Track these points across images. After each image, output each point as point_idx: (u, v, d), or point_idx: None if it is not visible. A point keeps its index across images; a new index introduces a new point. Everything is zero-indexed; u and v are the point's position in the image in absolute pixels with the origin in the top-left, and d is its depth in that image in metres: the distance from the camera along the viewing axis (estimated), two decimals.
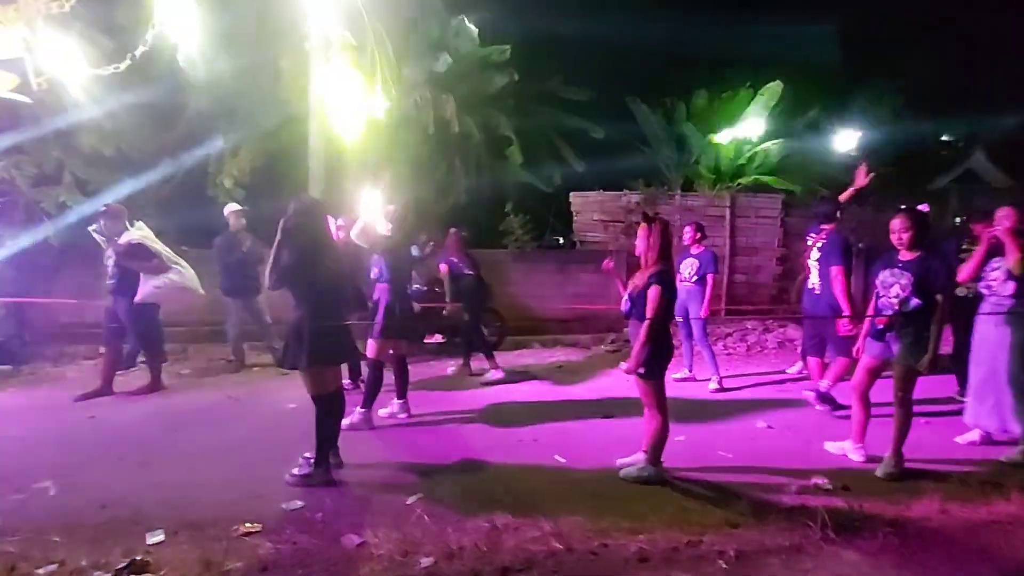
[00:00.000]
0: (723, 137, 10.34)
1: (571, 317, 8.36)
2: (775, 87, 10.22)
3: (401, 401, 4.57)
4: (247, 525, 2.82)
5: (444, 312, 6.41)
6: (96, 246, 5.12)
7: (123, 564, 2.46)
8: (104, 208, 5.15)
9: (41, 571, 2.43)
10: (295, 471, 3.32)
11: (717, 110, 10.88)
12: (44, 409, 4.81)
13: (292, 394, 5.02)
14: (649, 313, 3.18)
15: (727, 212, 9.28)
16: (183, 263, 5.39)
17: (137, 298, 4.98)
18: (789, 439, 4.27)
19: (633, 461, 3.48)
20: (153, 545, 2.65)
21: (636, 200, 9.39)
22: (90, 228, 5.12)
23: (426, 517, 2.92)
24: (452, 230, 6.57)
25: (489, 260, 8.78)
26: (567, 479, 3.49)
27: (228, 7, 7.85)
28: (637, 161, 11.34)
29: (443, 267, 6.11)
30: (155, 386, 5.28)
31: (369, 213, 4.15)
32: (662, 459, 3.42)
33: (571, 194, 9.94)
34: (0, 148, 6.02)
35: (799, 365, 6.05)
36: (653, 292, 3.19)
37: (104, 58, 6.83)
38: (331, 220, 3.62)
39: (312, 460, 3.32)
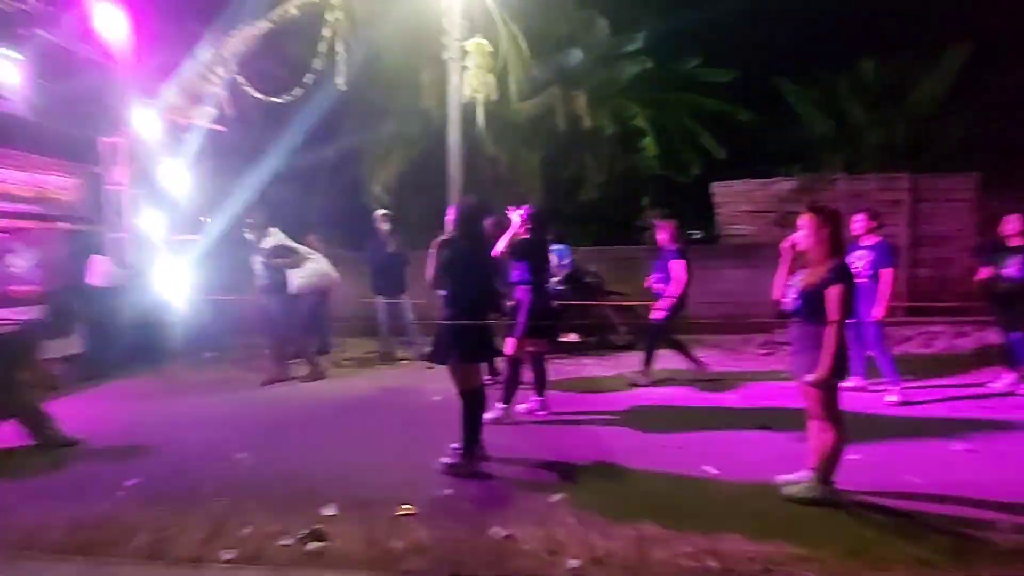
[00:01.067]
0: (892, 111, 8.98)
1: (716, 317, 7.82)
2: (959, 51, 8.62)
3: (540, 399, 4.61)
4: (404, 507, 3.02)
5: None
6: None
7: (304, 533, 2.77)
8: (249, 219, 5.80)
9: (244, 531, 2.82)
10: (444, 460, 3.49)
11: (886, 80, 9.47)
12: (239, 392, 5.62)
13: (437, 387, 5.33)
14: (833, 315, 2.83)
15: (906, 196, 8.02)
16: (316, 255, 6.19)
17: (292, 290, 5.69)
18: (997, 466, 3.55)
19: (798, 479, 3.12)
20: (327, 517, 2.95)
21: (790, 187, 8.50)
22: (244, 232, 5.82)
23: (571, 518, 2.90)
24: None
25: (623, 257, 8.57)
26: (719, 492, 3.24)
27: (378, 33, 8.57)
28: (787, 144, 10.30)
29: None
30: (312, 372, 5.92)
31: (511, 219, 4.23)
32: (834, 479, 3.02)
33: (713, 184, 9.30)
34: (206, 169, 7.15)
35: (1012, 378, 5.02)
36: (835, 291, 2.83)
37: (277, 88, 7.90)
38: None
39: (459, 451, 3.47)
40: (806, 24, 10.32)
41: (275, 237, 5.74)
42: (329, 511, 3.00)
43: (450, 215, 3.59)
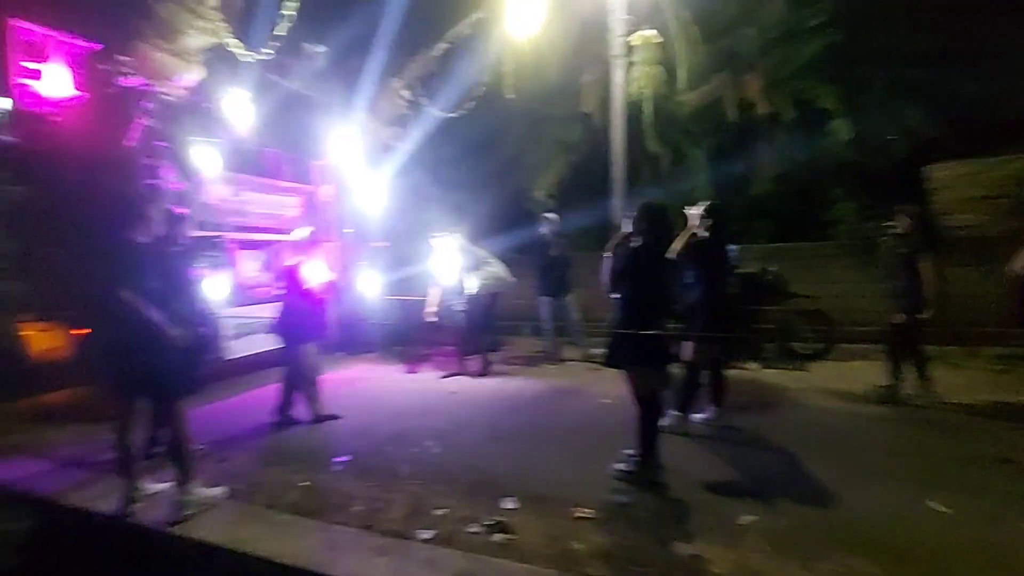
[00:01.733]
0: None
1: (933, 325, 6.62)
2: None
3: (717, 407, 4.32)
4: (583, 510, 3.04)
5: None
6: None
7: (491, 522, 2.93)
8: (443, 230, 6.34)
9: (437, 512, 3.09)
10: (619, 465, 3.44)
11: None
12: (423, 383, 6.18)
13: (605, 389, 5.32)
14: None
15: None
16: (493, 260, 6.50)
17: (471, 291, 6.12)
18: None
19: None
20: (508, 510, 3.09)
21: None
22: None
23: (765, 544, 2.65)
24: None
25: (805, 255, 7.70)
26: (952, 533, 2.71)
27: (540, 43, 8.80)
28: (1013, 118, 8.26)
29: None
30: (485, 369, 6.30)
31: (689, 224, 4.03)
32: None
33: (928, 167, 7.88)
34: (394, 182, 8.00)
35: None
36: None
37: (454, 103, 8.55)
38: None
39: (635, 458, 3.39)
40: None
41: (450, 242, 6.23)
42: (509, 504, 3.14)
43: (626, 218, 3.52)
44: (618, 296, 3.39)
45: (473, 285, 6.18)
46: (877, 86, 9.11)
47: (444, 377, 6.24)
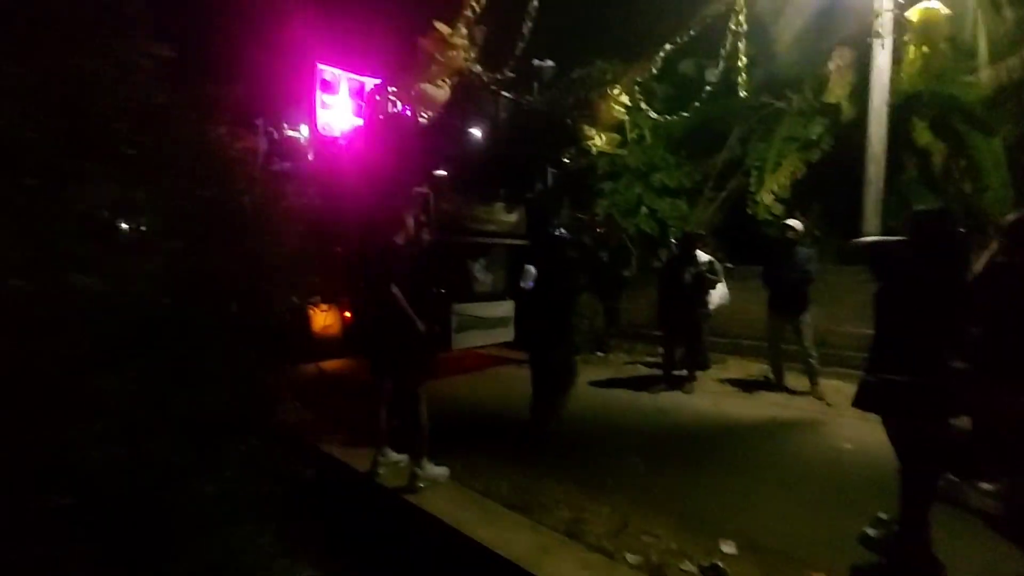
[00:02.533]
0: None
1: None
2: None
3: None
4: (819, 574, 2.60)
5: None
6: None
7: (707, 564, 2.68)
8: (684, 234, 6.09)
9: (646, 538, 2.95)
10: (870, 531, 2.85)
11: None
12: (631, 392, 5.99)
13: (846, 432, 4.53)
14: None
15: None
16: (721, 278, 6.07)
17: (712, 306, 5.84)
18: None
19: None
20: (727, 555, 2.80)
21: None
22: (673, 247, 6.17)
23: None
24: None
25: None
26: None
27: (774, 32, 7.92)
28: None
29: None
30: (689, 387, 5.88)
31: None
32: None
33: None
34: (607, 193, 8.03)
35: None
36: None
37: (670, 106, 8.20)
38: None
39: (893, 527, 2.76)
40: None
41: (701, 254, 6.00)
42: (729, 549, 2.83)
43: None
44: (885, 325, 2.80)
45: (714, 300, 5.85)
46: None
47: (654, 390, 5.95)
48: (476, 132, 6.30)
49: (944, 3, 5.75)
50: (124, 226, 2.11)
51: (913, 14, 5.43)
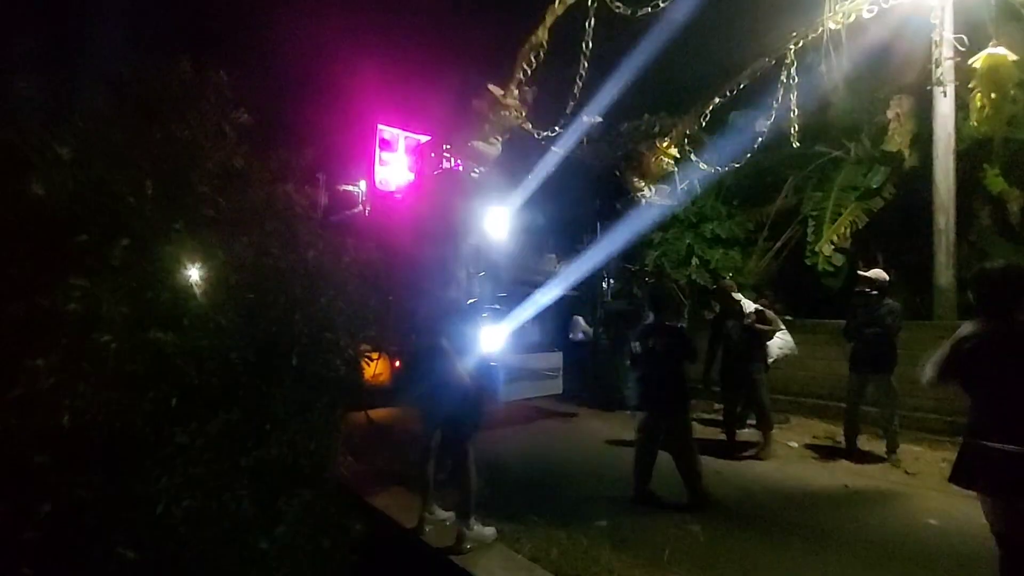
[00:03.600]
0: None
1: None
2: None
3: None
4: None
5: None
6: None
7: None
8: (716, 285, 5.85)
9: None
10: None
11: None
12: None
13: (931, 505, 4.12)
14: None
15: None
16: (782, 325, 5.74)
17: (771, 359, 5.57)
18: None
19: None
20: None
21: None
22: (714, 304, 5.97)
23: None
24: None
25: None
26: None
27: (833, 77, 7.87)
28: None
29: None
30: (765, 451, 5.44)
31: None
32: None
33: None
34: (657, 244, 7.97)
35: None
36: None
37: (720, 156, 8.18)
38: None
39: None
40: None
41: (751, 304, 5.68)
42: None
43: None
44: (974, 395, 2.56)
45: (773, 352, 5.57)
46: None
47: (740, 455, 5.45)
48: (527, 186, 6.45)
49: (1011, 49, 5.57)
50: (199, 282, 2.22)
51: (978, 61, 5.27)
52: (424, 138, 7.69)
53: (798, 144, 6.67)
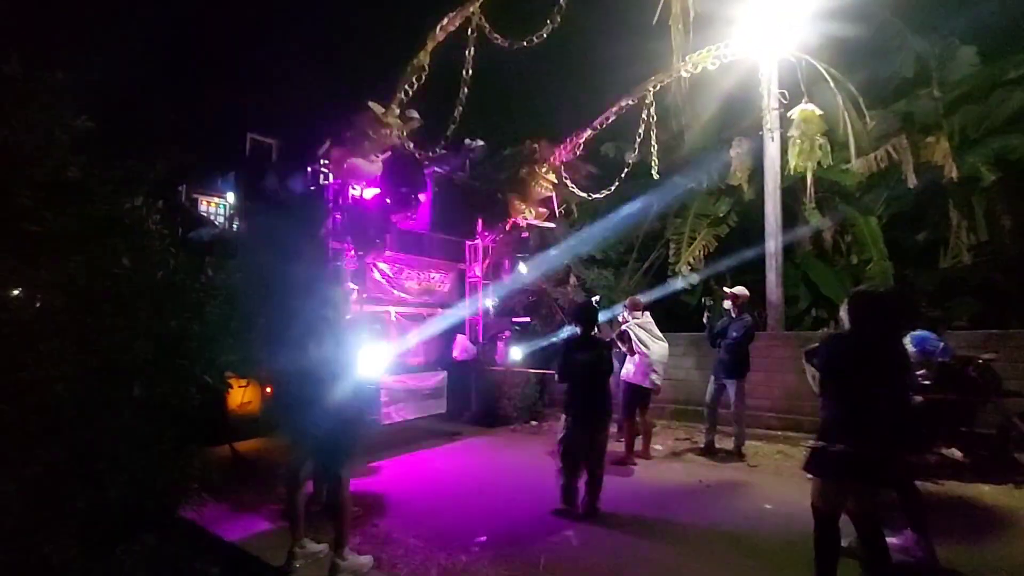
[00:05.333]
0: None
1: None
2: None
3: (916, 535, 3.53)
4: None
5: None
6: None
7: None
8: (628, 301, 6.17)
9: None
10: None
11: None
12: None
13: (767, 492, 4.71)
14: None
15: None
16: (653, 346, 5.92)
17: (623, 376, 5.82)
18: None
19: None
20: None
21: None
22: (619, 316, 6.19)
23: None
24: None
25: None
26: None
27: (687, 117, 8.86)
28: None
29: None
30: (627, 459, 5.83)
31: None
32: None
33: None
34: (536, 264, 8.35)
35: None
36: None
37: (594, 184, 8.81)
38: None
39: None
40: None
41: (635, 321, 5.91)
42: None
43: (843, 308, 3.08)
44: (826, 395, 3.01)
45: (628, 369, 5.90)
46: None
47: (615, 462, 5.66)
48: (408, 206, 6.45)
49: (819, 105, 6.73)
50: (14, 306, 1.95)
51: (795, 112, 6.31)
52: (298, 150, 7.40)
53: (658, 176, 7.38)
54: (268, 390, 6.02)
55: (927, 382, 4.94)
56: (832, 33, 7.37)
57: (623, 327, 5.91)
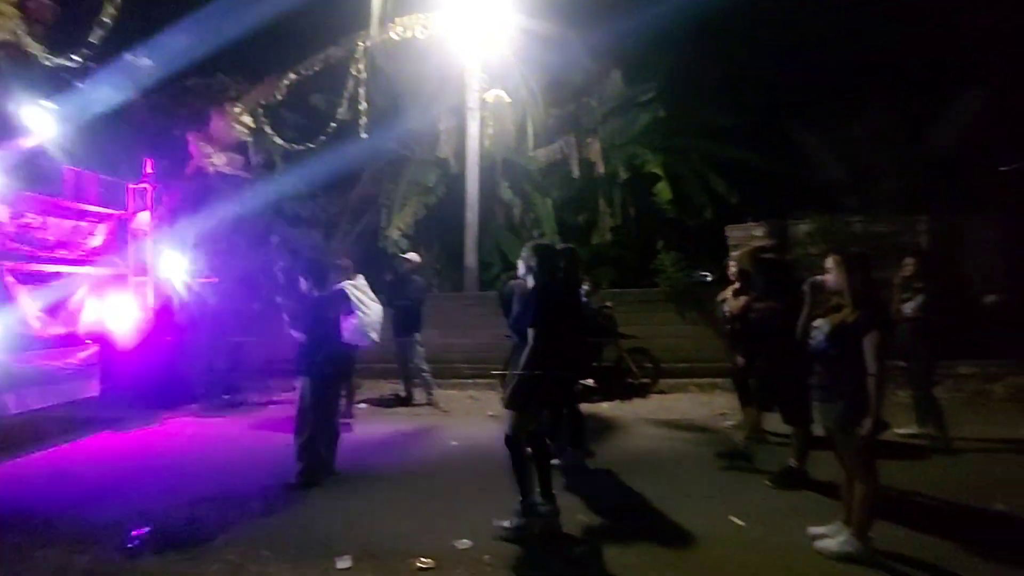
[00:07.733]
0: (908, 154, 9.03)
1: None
2: (974, 94, 8.75)
3: (577, 449, 4.45)
4: (423, 560, 2.90)
5: None
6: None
7: None
8: (338, 262, 5.83)
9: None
10: (506, 523, 3.21)
11: (901, 124, 9.59)
12: (254, 435, 5.55)
13: (454, 432, 5.29)
14: (874, 362, 2.74)
15: (926, 239, 7.94)
16: (369, 309, 6.03)
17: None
18: None
19: (830, 532, 2.97)
20: (342, 570, 2.84)
21: (807, 229, 8.42)
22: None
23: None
24: None
25: (639, 299, 8.51)
26: (752, 548, 3.07)
27: (399, 86, 8.92)
28: (801, 189, 10.26)
29: None
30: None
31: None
32: (871, 534, 2.88)
33: (728, 227, 9.27)
34: (227, 216, 7.34)
35: None
36: (875, 338, 2.76)
37: (301, 136, 8.22)
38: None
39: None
40: (819, 69, 10.42)
41: (350, 283, 5.55)
42: (344, 563, 2.89)
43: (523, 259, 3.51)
44: (515, 336, 3.42)
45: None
46: (693, 157, 10.70)
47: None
48: (31, 123, 4.84)
49: (510, 94, 7.63)
50: None
51: (488, 96, 7.02)
52: None
53: (366, 135, 7.30)
54: None
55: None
56: (527, 28, 8.35)
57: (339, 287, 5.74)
